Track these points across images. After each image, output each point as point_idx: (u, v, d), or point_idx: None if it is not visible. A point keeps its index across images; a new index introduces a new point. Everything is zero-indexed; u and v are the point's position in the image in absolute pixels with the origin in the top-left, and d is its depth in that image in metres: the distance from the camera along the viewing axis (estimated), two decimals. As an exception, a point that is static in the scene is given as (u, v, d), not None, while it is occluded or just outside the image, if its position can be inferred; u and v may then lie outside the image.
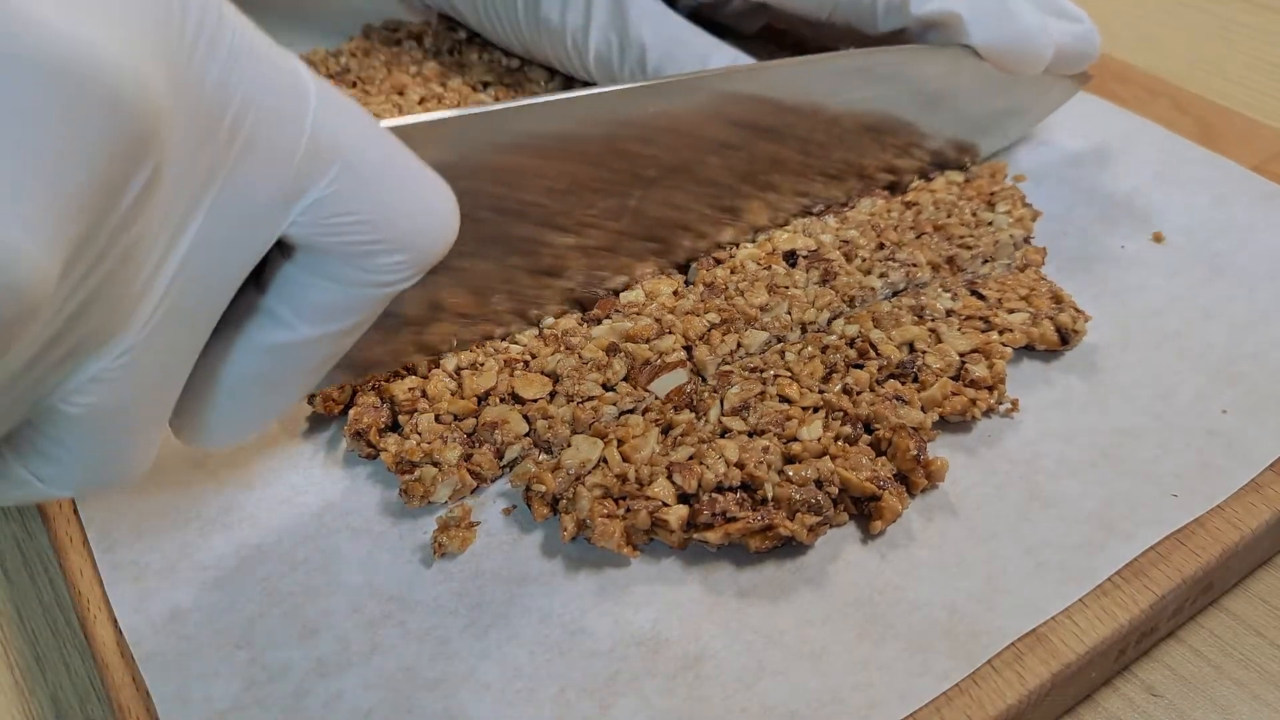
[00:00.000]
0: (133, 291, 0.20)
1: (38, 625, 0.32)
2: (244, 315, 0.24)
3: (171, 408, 0.23)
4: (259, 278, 0.23)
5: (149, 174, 0.18)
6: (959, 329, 0.34)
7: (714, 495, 0.28)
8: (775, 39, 0.52)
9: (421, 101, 0.46)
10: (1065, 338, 0.34)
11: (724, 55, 0.40)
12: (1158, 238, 0.40)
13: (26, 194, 0.16)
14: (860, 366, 0.33)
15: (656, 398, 0.32)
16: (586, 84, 0.47)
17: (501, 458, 0.30)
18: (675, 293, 0.35)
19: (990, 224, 0.39)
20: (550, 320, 0.34)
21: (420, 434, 0.30)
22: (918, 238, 0.38)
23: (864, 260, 0.37)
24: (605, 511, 0.28)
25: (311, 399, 0.32)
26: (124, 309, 0.20)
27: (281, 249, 0.23)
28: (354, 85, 0.47)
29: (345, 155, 0.22)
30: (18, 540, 0.34)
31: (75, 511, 0.30)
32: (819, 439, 0.30)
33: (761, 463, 0.29)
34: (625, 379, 0.32)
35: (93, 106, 0.16)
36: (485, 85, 0.48)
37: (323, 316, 0.24)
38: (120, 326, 0.20)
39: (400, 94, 0.46)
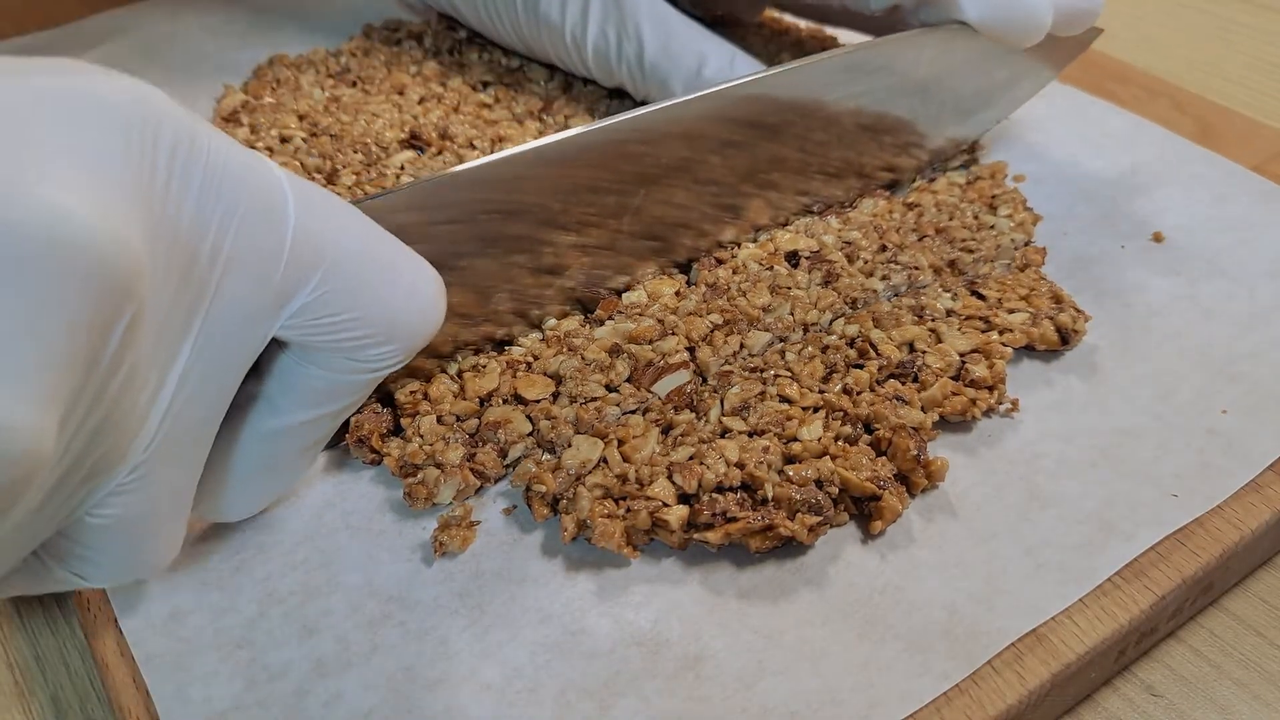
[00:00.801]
0: (135, 418, 0.21)
1: (38, 625, 0.31)
2: (246, 403, 0.25)
3: (190, 504, 0.24)
4: (256, 367, 0.24)
5: (130, 320, 0.19)
6: (959, 329, 0.34)
7: (714, 495, 0.28)
8: (770, 21, 0.52)
9: (421, 101, 0.46)
10: (1065, 338, 0.34)
11: (721, 51, 0.40)
12: (1158, 237, 0.40)
13: (13, 366, 0.16)
14: (860, 366, 0.33)
15: (658, 398, 0.32)
16: (586, 80, 0.47)
17: (505, 457, 0.30)
18: (677, 293, 0.35)
19: (992, 227, 0.39)
20: (552, 321, 0.34)
21: (422, 436, 0.30)
22: (919, 240, 0.38)
23: (866, 262, 0.37)
24: (605, 512, 0.28)
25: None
26: (130, 434, 0.21)
27: (278, 344, 0.24)
28: (354, 85, 0.47)
29: (329, 257, 0.22)
30: (18, 540, 0.34)
31: (75, 511, 0.30)
32: (819, 439, 0.30)
33: (762, 463, 0.29)
34: (628, 380, 0.32)
35: (71, 272, 0.17)
36: (485, 85, 0.48)
37: (317, 402, 0.25)
38: (129, 449, 0.21)
39: (400, 94, 0.46)
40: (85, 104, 0.18)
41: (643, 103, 0.44)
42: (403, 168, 0.41)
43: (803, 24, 0.52)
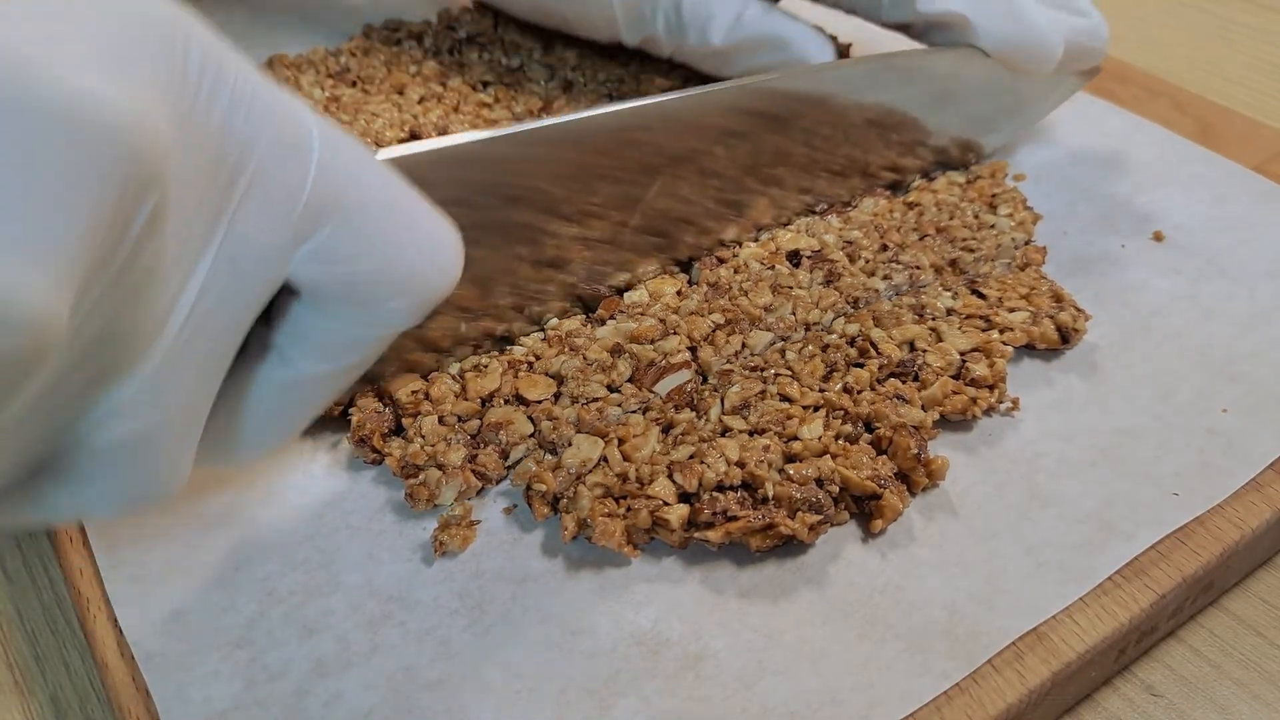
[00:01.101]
0: (147, 327, 0.20)
1: (38, 625, 0.31)
2: (255, 353, 0.24)
3: (198, 435, 0.24)
4: (269, 316, 0.24)
5: (153, 210, 0.19)
6: (959, 328, 0.34)
7: (715, 494, 0.28)
8: None
9: (421, 101, 0.46)
10: (1066, 337, 0.34)
11: (753, 9, 0.40)
12: (1158, 237, 0.40)
13: (34, 235, 0.17)
14: (861, 365, 0.33)
15: (659, 397, 0.32)
16: (587, 80, 0.47)
17: (506, 458, 0.30)
18: (679, 293, 0.35)
19: (992, 226, 0.39)
20: (553, 320, 0.34)
21: (424, 436, 0.30)
22: (920, 239, 0.38)
23: (867, 261, 0.37)
24: (606, 511, 0.28)
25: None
26: (139, 343, 0.20)
27: (289, 288, 0.23)
28: (354, 84, 0.47)
29: (349, 200, 0.22)
30: (18, 540, 0.34)
31: (75, 511, 0.30)
32: (819, 438, 0.30)
33: (762, 462, 0.29)
34: (630, 380, 0.32)
35: (97, 150, 0.17)
36: (485, 85, 0.48)
37: (328, 355, 0.24)
38: (137, 359, 0.21)
39: (400, 93, 0.46)
40: (120, 5, 0.19)
41: (669, 61, 0.44)
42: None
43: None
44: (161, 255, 0.20)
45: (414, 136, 0.43)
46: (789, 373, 0.32)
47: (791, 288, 0.35)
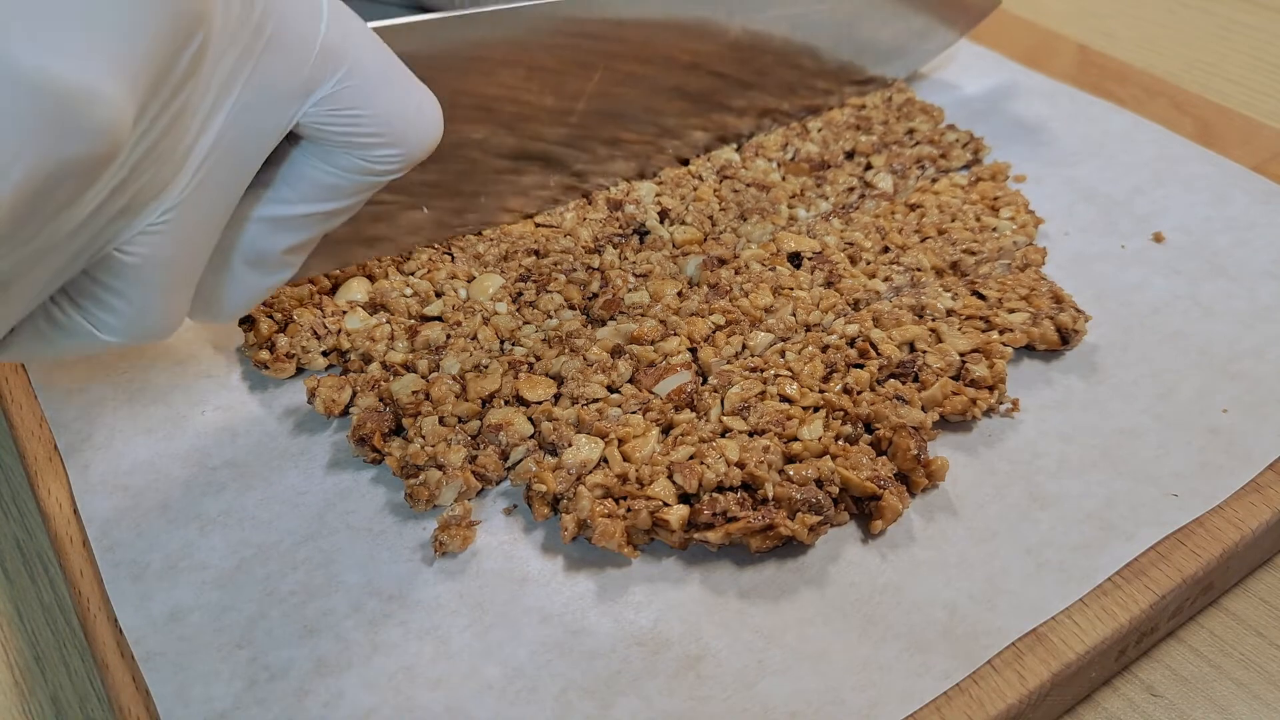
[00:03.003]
0: (178, 154, 0.24)
1: (38, 625, 0.31)
2: (254, 192, 0.28)
3: (202, 267, 0.27)
4: (269, 160, 0.27)
5: (199, 44, 0.22)
6: (959, 329, 0.34)
7: (714, 495, 0.28)
8: None
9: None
10: (1066, 338, 0.34)
11: None
12: (1158, 237, 0.40)
13: (110, 47, 0.19)
14: (860, 366, 0.33)
15: (659, 398, 0.32)
16: None
17: (506, 459, 0.30)
18: (679, 294, 0.35)
19: (994, 229, 0.39)
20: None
21: (424, 437, 0.30)
22: (922, 241, 0.38)
23: (869, 263, 0.37)
24: (606, 512, 0.28)
25: (312, 399, 0.32)
26: (171, 168, 0.24)
27: (289, 140, 0.27)
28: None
29: (352, 58, 0.26)
30: (18, 540, 0.34)
31: (75, 511, 0.30)
32: (819, 438, 0.30)
33: (762, 462, 0.29)
34: (630, 381, 0.32)
35: None
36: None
37: (320, 196, 0.28)
38: (167, 184, 0.24)
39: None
40: None
41: None
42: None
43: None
44: (196, 91, 0.23)
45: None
46: (789, 373, 0.32)
47: (792, 289, 0.35)
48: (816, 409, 0.31)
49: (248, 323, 0.34)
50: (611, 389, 0.32)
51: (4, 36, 0.18)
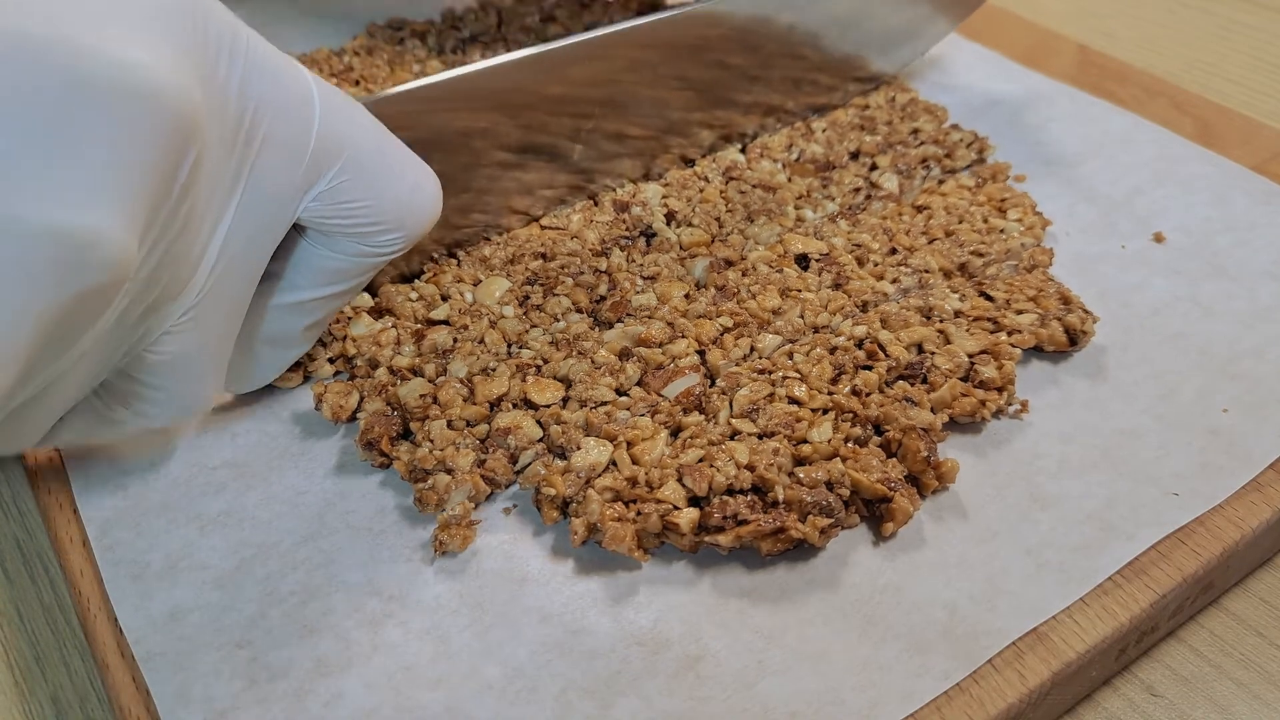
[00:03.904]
0: (191, 257, 0.25)
1: (38, 625, 0.31)
2: (267, 282, 0.29)
3: (229, 354, 0.29)
4: (277, 251, 0.28)
5: (194, 160, 0.22)
6: (967, 330, 0.34)
7: (724, 498, 0.28)
8: None
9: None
10: (1073, 339, 0.34)
11: None
12: (1158, 237, 0.40)
13: (107, 188, 0.20)
14: (869, 368, 0.32)
15: (667, 400, 0.32)
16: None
17: (515, 462, 0.30)
18: (687, 296, 0.35)
19: (1001, 231, 0.39)
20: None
21: (433, 441, 0.30)
22: (929, 243, 0.38)
23: (876, 265, 0.37)
24: (615, 515, 0.28)
25: (319, 405, 0.32)
26: (186, 269, 0.25)
27: (295, 229, 0.28)
28: (357, 84, 0.47)
29: (348, 150, 0.27)
30: (18, 540, 0.34)
31: (75, 511, 0.30)
32: (829, 440, 0.30)
33: (772, 465, 0.29)
34: (639, 383, 0.32)
35: (150, 113, 0.21)
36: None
37: (329, 280, 0.29)
38: (185, 286, 0.25)
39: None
40: None
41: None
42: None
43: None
44: (197, 203, 0.24)
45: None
46: (797, 375, 0.32)
47: (800, 291, 0.35)
48: (825, 411, 0.31)
49: None
50: (620, 392, 0.32)
51: (11, 194, 0.19)
